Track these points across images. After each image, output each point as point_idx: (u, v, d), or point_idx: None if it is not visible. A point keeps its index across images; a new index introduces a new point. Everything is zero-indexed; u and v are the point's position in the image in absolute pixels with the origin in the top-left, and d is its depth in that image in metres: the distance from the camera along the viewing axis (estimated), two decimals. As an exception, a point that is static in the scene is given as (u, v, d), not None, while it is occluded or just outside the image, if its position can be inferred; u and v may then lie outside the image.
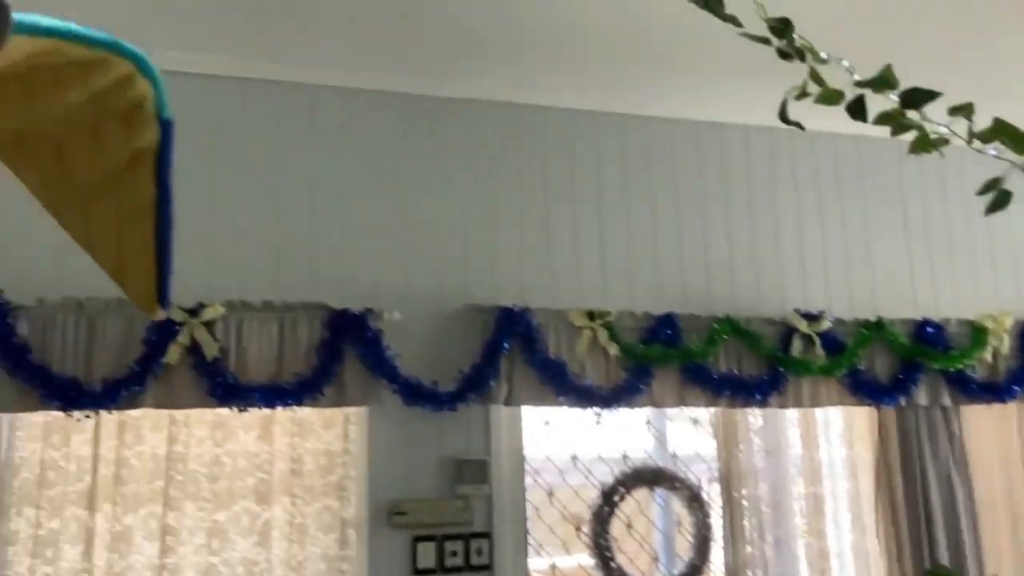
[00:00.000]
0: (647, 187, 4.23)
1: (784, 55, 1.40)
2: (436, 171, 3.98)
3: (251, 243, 3.69)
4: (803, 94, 1.44)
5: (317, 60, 3.79)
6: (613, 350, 3.81)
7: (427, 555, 3.60)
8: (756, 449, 4.14)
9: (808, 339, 4.07)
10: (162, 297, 1.42)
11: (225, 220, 3.67)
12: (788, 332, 4.09)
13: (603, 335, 3.81)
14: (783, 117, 1.46)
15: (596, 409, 3.79)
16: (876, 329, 4.16)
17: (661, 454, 4.17)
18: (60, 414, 3.25)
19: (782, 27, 1.37)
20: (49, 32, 1.06)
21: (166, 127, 1.31)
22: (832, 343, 4.09)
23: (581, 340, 3.80)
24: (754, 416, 4.15)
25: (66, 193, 1.40)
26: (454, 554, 3.63)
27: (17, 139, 1.30)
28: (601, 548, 3.94)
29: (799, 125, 1.48)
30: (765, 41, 1.40)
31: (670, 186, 4.27)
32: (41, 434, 3.33)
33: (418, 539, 3.61)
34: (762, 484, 4.10)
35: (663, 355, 3.85)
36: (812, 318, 4.11)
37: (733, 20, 1.36)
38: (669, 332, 3.91)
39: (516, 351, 3.73)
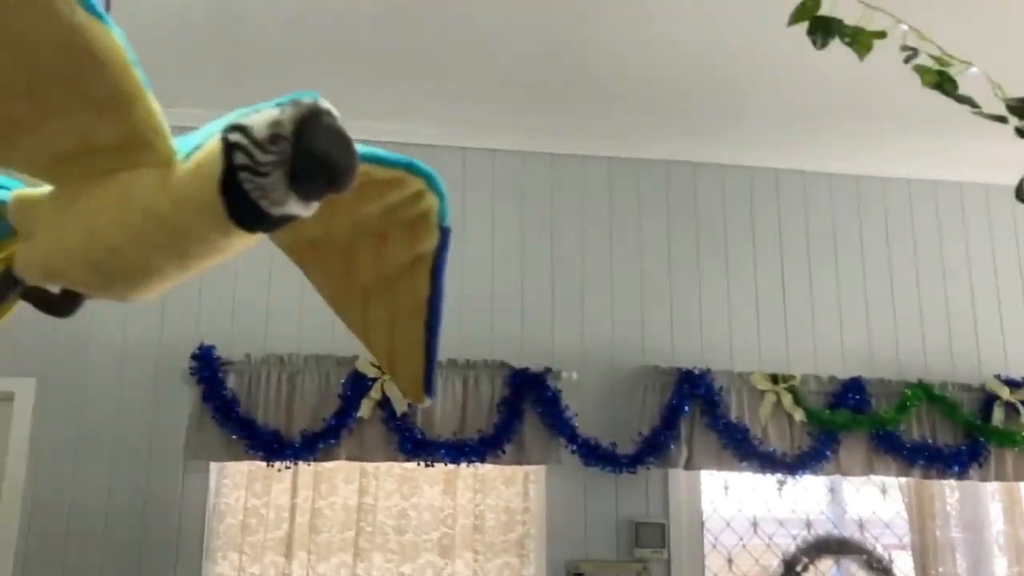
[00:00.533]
0: (830, 247, 4.12)
1: (1022, 133, 1.36)
2: (612, 231, 4.01)
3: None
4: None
5: (492, 124, 3.93)
6: (798, 415, 3.70)
7: (605, 618, 3.57)
8: (953, 523, 3.89)
9: (1011, 407, 3.82)
10: (428, 386, 1.53)
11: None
12: (988, 399, 3.85)
13: (787, 399, 3.71)
14: (1020, 196, 1.41)
15: (779, 475, 3.68)
16: (1089, 398, 3.86)
17: (843, 521, 3.99)
18: (262, 464, 3.45)
19: (1021, 107, 1.33)
20: (363, 158, 1.17)
21: (445, 234, 1.42)
22: (1038, 412, 3.82)
23: (764, 404, 3.72)
24: (950, 487, 3.92)
25: (348, 290, 1.54)
26: (632, 618, 3.59)
27: (311, 245, 1.43)
28: (782, 619, 3.80)
29: (1034, 203, 1.42)
30: (1002, 120, 1.37)
31: (854, 246, 4.13)
32: (245, 482, 3.54)
33: (596, 601, 3.60)
34: (960, 561, 3.85)
35: (851, 421, 3.70)
36: (1016, 385, 3.86)
37: (968, 101, 1.34)
38: (857, 397, 3.77)
39: (696, 414, 3.68)
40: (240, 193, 1.09)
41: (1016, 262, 4.21)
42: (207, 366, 3.47)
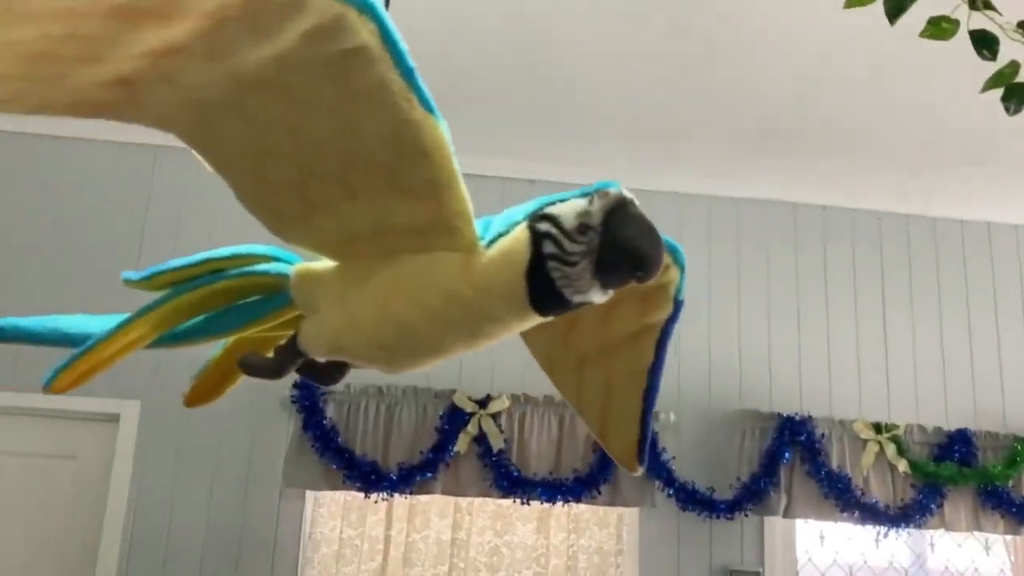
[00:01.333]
0: (934, 293, 4.02)
1: None
2: (711, 272, 3.96)
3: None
4: None
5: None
6: (901, 466, 3.60)
7: (697, 667, 3.50)
8: (1062, 585, 3.74)
9: None
10: (641, 455, 1.52)
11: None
12: (1103, 457, 3.70)
13: (891, 449, 3.62)
14: None
15: (881, 528, 3.58)
16: None
17: (942, 575, 3.86)
18: (359, 495, 3.46)
19: None
20: None
21: (678, 307, 1.42)
22: None
23: (866, 453, 3.63)
24: (1060, 548, 3.77)
25: (565, 352, 1.53)
26: (724, 668, 3.51)
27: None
28: (879, 677, 3.69)
29: None
30: None
31: (959, 293, 4.03)
32: (341, 512, 3.55)
33: (688, 648, 3.53)
34: (1068, 625, 3.70)
35: (957, 475, 3.59)
36: None
37: None
38: (963, 450, 3.65)
39: (796, 461, 3.60)
40: (546, 281, 1.10)
41: None
42: (308, 395, 3.50)
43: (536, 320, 1.18)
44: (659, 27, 2.96)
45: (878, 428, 3.66)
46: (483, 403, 3.55)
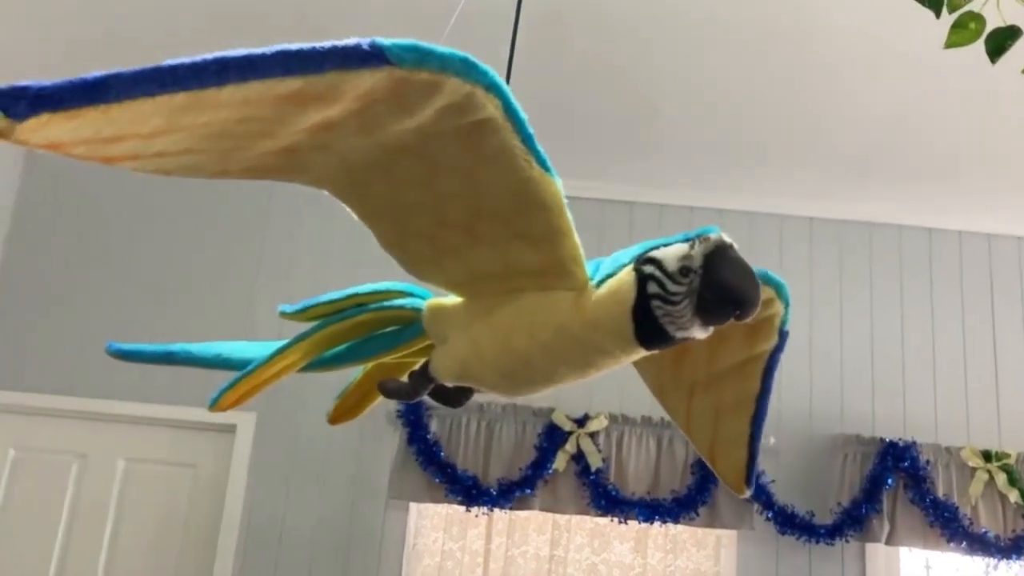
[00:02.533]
0: (1048, 317, 3.90)
1: None
2: (807, 293, 3.94)
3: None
4: None
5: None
6: (1013, 496, 3.50)
7: None
8: None
9: None
10: (749, 478, 1.60)
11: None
12: None
13: (1001, 479, 3.52)
14: None
15: (990, 559, 3.49)
16: None
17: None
18: (460, 508, 3.57)
19: None
20: None
21: (783, 338, 1.50)
22: None
23: (975, 482, 3.54)
24: None
25: (676, 381, 1.64)
26: None
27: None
28: None
29: None
30: None
31: (1076, 317, 3.90)
32: (443, 525, 3.66)
33: (786, 674, 3.50)
34: None
35: (1073, 507, 3.47)
36: None
37: None
38: (1079, 481, 3.53)
39: (900, 487, 3.55)
40: (650, 318, 1.20)
41: None
42: (413, 409, 3.63)
43: (642, 353, 1.26)
44: (748, 51, 2.99)
45: (987, 456, 3.57)
46: (581, 422, 3.61)
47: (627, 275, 1.22)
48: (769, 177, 3.83)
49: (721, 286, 1.18)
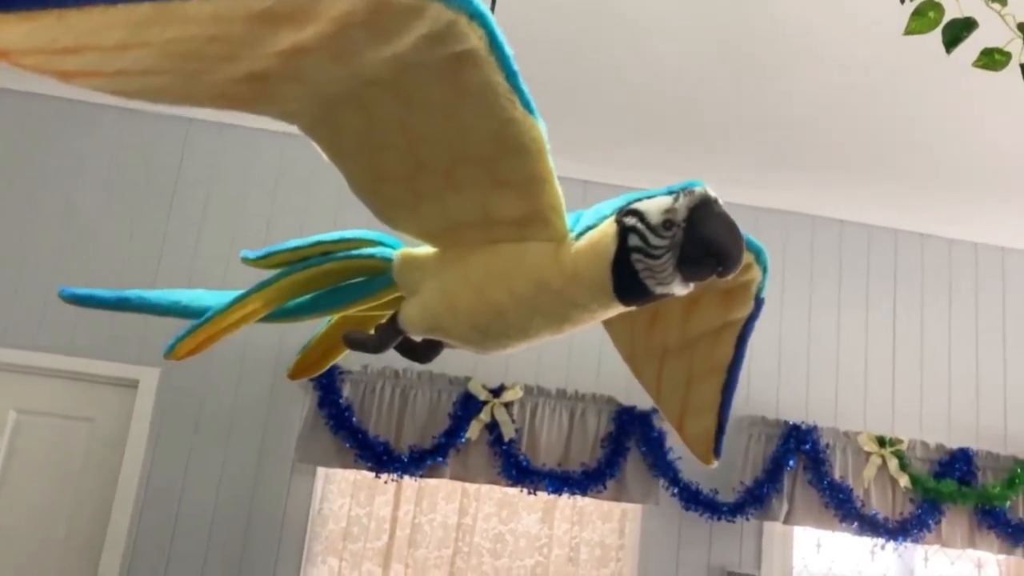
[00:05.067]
0: (944, 313, 4.08)
1: None
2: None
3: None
4: None
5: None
6: (903, 481, 3.67)
7: (689, 664, 3.56)
8: (1051, 607, 3.81)
9: (1123, 495, 3.73)
10: (717, 448, 1.59)
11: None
12: (1100, 485, 3.77)
13: (893, 464, 3.68)
14: None
15: (879, 540, 3.64)
16: None
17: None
18: (369, 474, 3.52)
19: None
20: None
21: (759, 305, 1.49)
22: None
23: (869, 466, 3.69)
24: (1050, 570, 3.84)
25: (648, 347, 1.61)
26: (716, 667, 3.57)
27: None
28: None
29: None
30: None
31: (969, 313, 4.09)
32: (350, 490, 3.61)
33: (681, 646, 3.59)
34: (1054, 647, 3.77)
35: (957, 493, 3.65)
36: None
37: None
38: (964, 468, 3.72)
39: (800, 469, 3.67)
40: (630, 272, 1.16)
41: None
42: (325, 373, 3.52)
43: (620, 309, 1.24)
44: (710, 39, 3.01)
45: (882, 442, 3.72)
46: (497, 392, 3.60)
47: (608, 227, 1.19)
48: (691, 163, 3.87)
49: (705, 241, 1.15)
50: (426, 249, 1.41)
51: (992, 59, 1.40)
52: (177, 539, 3.50)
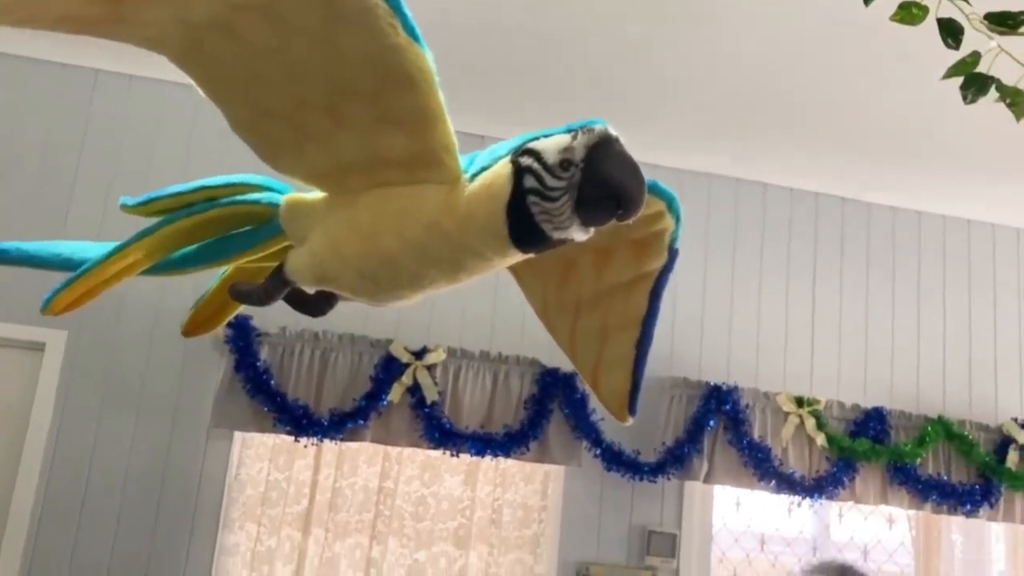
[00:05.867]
0: (862, 275, 4.15)
1: None
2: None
3: (471, 294, 3.82)
4: None
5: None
6: (819, 440, 3.74)
7: (610, 621, 3.60)
8: (956, 559, 3.95)
9: (1026, 451, 3.87)
10: (632, 405, 1.54)
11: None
12: (1004, 441, 3.90)
13: (810, 423, 3.75)
14: None
15: (795, 497, 3.72)
16: (1105, 450, 3.92)
17: (849, 547, 4.04)
18: (287, 438, 3.45)
19: None
20: None
21: (673, 256, 1.43)
22: (1053, 459, 3.88)
23: (787, 426, 3.75)
24: (956, 524, 3.97)
25: (561, 301, 1.54)
26: (637, 624, 3.62)
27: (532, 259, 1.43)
28: (782, 639, 3.86)
29: None
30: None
31: (886, 277, 4.17)
32: (268, 455, 3.53)
33: (603, 604, 3.62)
34: (959, 597, 3.92)
35: (871, 451, 3.74)
36: (1032, 430, 3.91)
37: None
38: (878, 427, 3.81)
39: (720, 430, 3.71)
40: (526, 216, 1.10)
41: (1041, 309, 4.26)
42: (242, 335, 3.45)
43: (517, 256, 1.18)
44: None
45: (800, 402, 3.78)
46: (419, 354, 3.55)
47: (503, 168, 1.13)
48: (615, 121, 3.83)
49: (603, 182, 1.09)
50: (315, 194, 1.33)
51: (909, 13, 1.38)
52: (87, 508, 3.38)
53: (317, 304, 1.45)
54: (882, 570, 4.01)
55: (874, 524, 4.08)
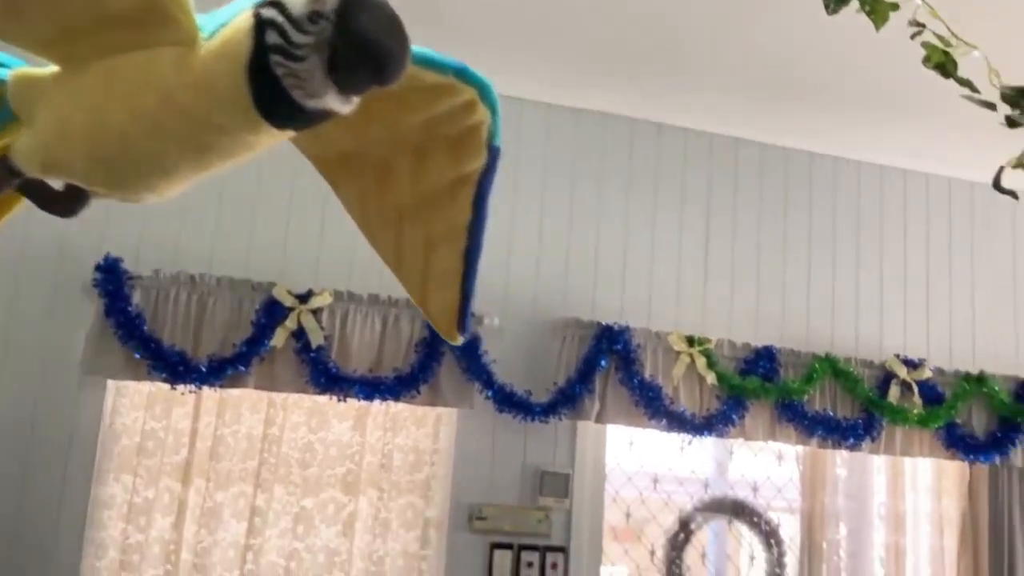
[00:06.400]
0: (755, 216, 4.17)
1: (1012, 124, 1.35)
2: (546, 182, 3.95)
3: (360, 234, 3.70)
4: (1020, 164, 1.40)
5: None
6: (710, 378, 3.76)
7: (503, 563, 3.59)
8: (840, 492, 4.06)
9: (906, 386, 3.98)
10: (462, 323, 1.43)
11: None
12: (886, 377, 4.00)
13: (701, 362, 3.77)
14: (997, 185, 1.41)
15: (686, 436, 3.75)
16: (977, 383, 4.05)
17: (740, 485, 4.12)
18: (165, 386, 3.30)
19: (1016, 96, 1.32)
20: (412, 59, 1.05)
21: (494, 155, 1.31)
22: (930, 393, 4.00)
23: (678, 365, 3.76)
24: (840, 458, 4.08)
25: (381, 211, 1.41)
26: (530, 565, 3.62)
27: (342, 158, 1.30)
28: (673, 574, 3.92)
29: (1013, 194, 1.43)
30: (991, 107, 1.36)
31: (778, 217, 4.20)
32: (144, 403, 3.38)
33: (496, 546, 3.61)
34: (843, 528, 4.03)
35: (760, 388, 3.79)
36: (913, 365, 4.02)
37: (968, 84, 1.32)
38: (767, 365, 3.85)
39: (612, 369, 3.70)
40: (270, 79, 0.96)
41: (923, 253, 4.36)
42: (112, 279, 3.28)
43: (270, 132, 1.03)
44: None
45: (691, 341, 3.80)
46: (304, 298, 3.43)
47: (243, 22, 0.98)
48: (508, 60, 3.73)
49: (358, 37, 0.96)
50: (46, 67, 1.16)
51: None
52: (-53, 462, 3.19)
53: (63, 201, 1.26)
54: (771, 506, 4.10)
55: (764, 461, 4.16)
